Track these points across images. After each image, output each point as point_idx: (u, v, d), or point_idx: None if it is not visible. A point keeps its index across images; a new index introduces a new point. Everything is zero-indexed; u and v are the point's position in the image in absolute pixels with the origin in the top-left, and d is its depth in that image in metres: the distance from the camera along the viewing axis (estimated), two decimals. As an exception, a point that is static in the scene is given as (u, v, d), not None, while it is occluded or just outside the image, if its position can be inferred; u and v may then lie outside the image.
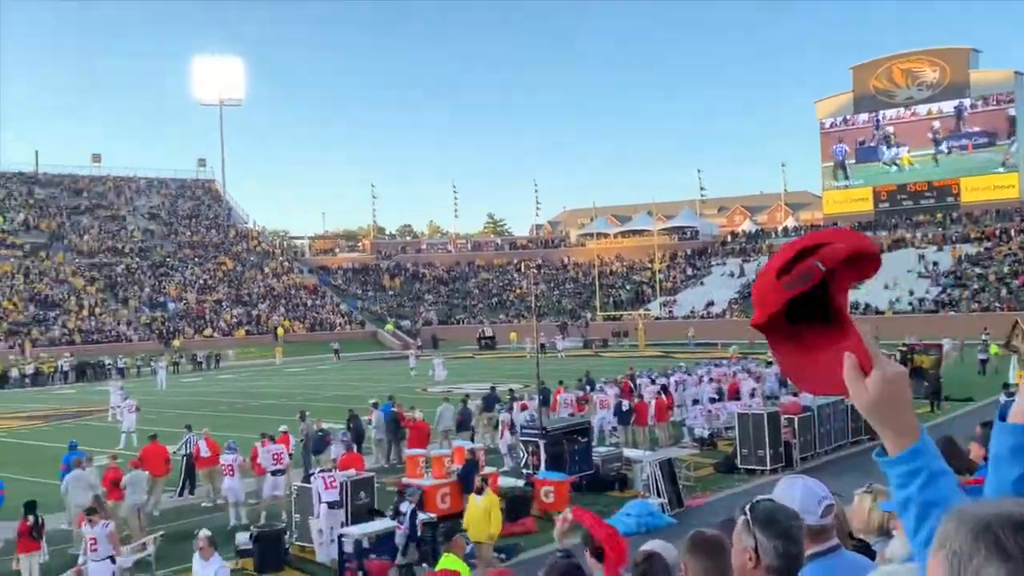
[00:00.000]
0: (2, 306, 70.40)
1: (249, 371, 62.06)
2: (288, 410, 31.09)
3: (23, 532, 14.94)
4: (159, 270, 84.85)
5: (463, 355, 66.01)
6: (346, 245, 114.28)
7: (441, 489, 18.14)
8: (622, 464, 21.07)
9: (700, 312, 75.82)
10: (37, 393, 52.42)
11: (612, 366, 45.49)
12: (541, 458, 19.97)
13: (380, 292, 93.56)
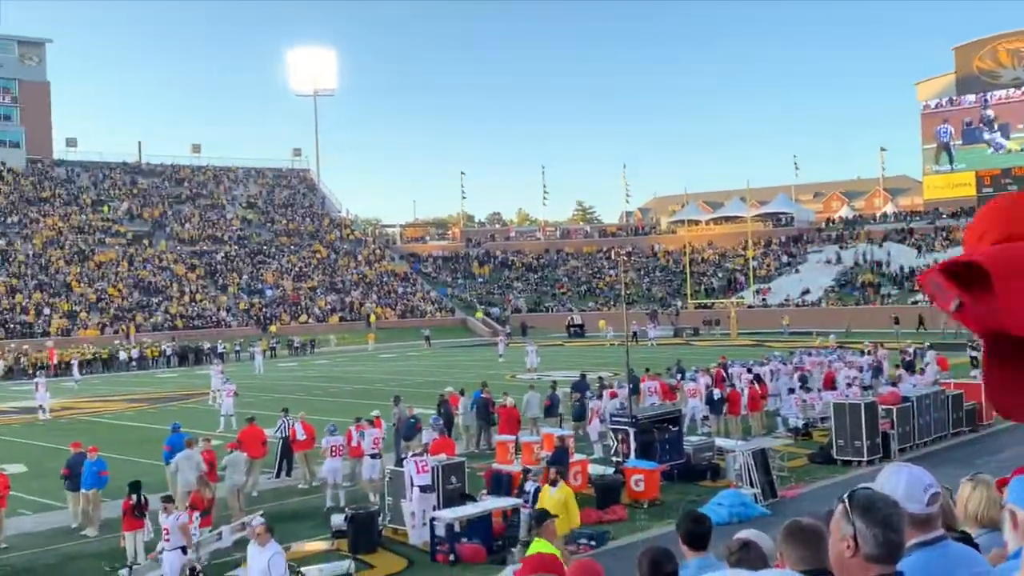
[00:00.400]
0: (107, 292, 73.07)
1: (343, 357, 63.24)
2: (380, 395, 31.59)
3: (127, 510, 15.51)
4: (256, 258, 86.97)
5: (552, 343, 66.09)
6: (436, 233, 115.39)
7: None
8: (714, 453, 20.84)
9: (795, 300, 74.41)
10: (141, 377, 54.32)
11: (703, 355, 44.98)
12: (631, 446, 19.88)
13: (469, 279, 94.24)
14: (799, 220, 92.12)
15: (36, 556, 16.33)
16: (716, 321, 71.66)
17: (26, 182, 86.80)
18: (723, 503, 16.55)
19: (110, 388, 46.65)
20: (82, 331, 66.23)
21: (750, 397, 25.51)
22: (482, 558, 14.83)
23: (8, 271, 72.11)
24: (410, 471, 16.43)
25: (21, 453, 26.02)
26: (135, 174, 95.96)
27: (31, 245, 77.01)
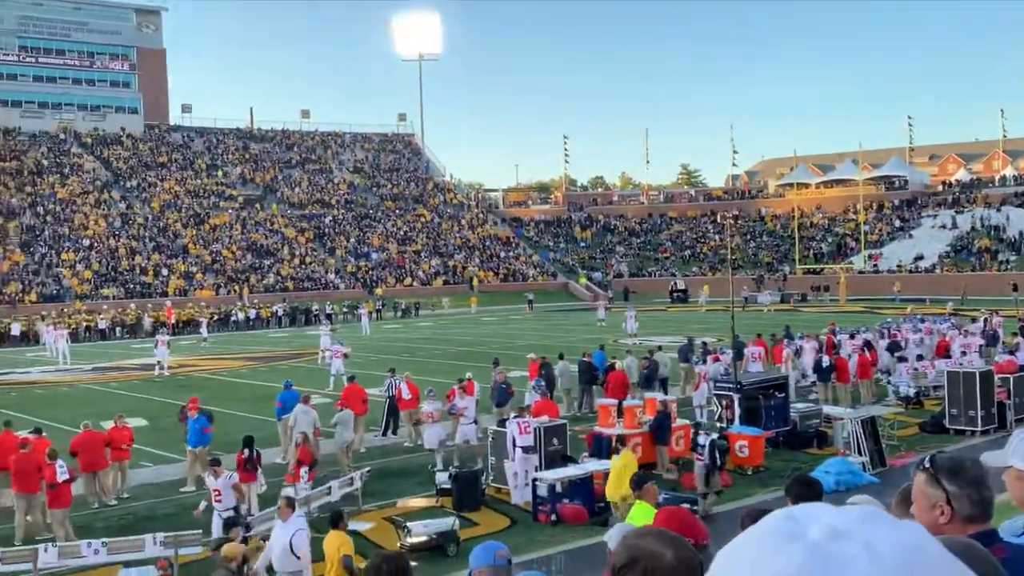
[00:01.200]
0: (222, 255, 75.47)
1: (446, 319, 64.06)
2: (481, 357, 31.91)
3: (240, 464, 16.13)
4: (363, 221, 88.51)
5: (655, 308, 65.63)
6: (538, 197, 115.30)
7: (632, 439, 18.20)
8: (821, 421, 20.48)
9: (907, 266, 72.10)
10: (254, 336, 56.09)
11: (811, 321, 44.04)
12: (735, 412, 19.68)
13: (572, 244, 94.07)
14: (913, 183, 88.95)
15: (156, 505, 17.14)
16: (825, 287, 70.02)
17: (144, 147, 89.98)
18: (830, 471, 16.29)
19: (225, 347, 48.32)
20: (198, 292, 68.64)
21: (860, 364, 24.93)
22: (584, 519, 14.95)
23: (128, 233, 75.07)
24: (512, 432, 16.62)
25: (142, 408, 27.22)
26: (247, 139, 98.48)
27: (149, 208, 79.95)
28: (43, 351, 47.31)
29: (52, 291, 64.57)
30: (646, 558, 1.82)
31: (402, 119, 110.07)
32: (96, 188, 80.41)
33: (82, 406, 28.00)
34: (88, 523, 15.79)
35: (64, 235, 72.29)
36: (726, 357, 25.42)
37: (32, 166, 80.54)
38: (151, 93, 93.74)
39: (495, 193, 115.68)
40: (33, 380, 36.97)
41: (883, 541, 0.99)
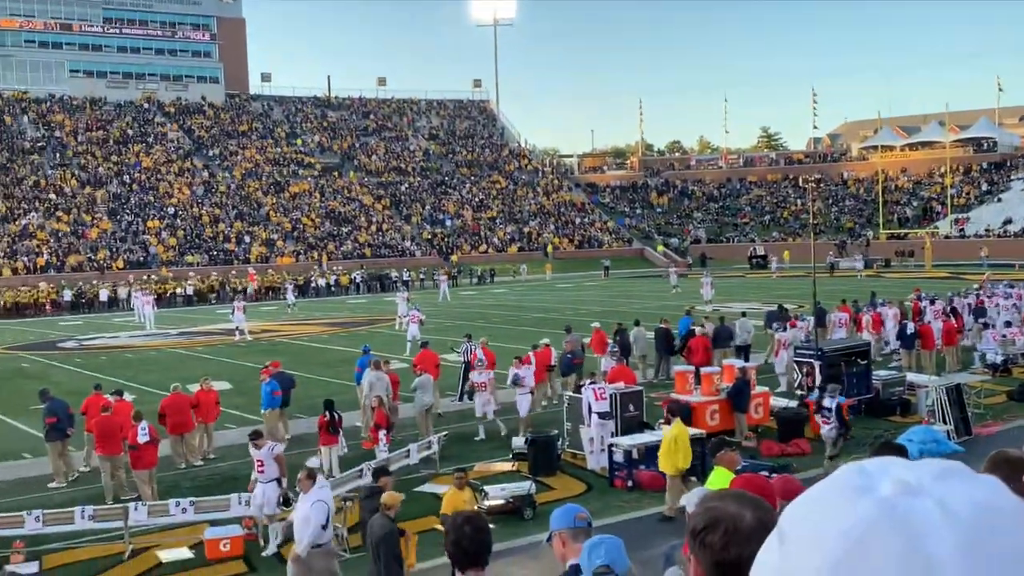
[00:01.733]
0: (301, 222, 76.68)
1: (520, 286, 64.19)
2: (556, 323, 31.92)
3: (322, 426, 16.46)
4: (439, 188, 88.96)
5: (733, 274, 64.80)
6: (614, 162, 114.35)
7: (710, 406, 18.07)
8: (904, 388, 20.04)
9: (995, 230, 69.82)
10: (333, 302, 56.99)
11: (895, 287, 43.03)
12: (816, 379, 19.37)
13: (648, 209, 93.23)
14: (1002, 145, 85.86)
15: (241, 466, 17.56)
16: (909, 252, 68.27)
17: (225, 116, 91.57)
18: (913, 439, 15.93)
19: (306, 312, 49.20)
20: (279, 258, 69.92)
21: (945, 331, 24.31)
22: (660, 485, 14.90)
23: (211, 201, 76.68)
24: (588, 398, 16.62)
25: (227, 371, 27.90)
26: (325, 108, 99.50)
27: (231, 176, 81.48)
28: (131, 316, 48.77)
29: (138, 258, 66.42)
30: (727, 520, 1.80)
31: (477, 85, 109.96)
32: (179, 157, 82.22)
33: (168, 370, 28.83)
34: (176, 483, 16.29)
35: (149, 203, 74.17)
36: (805, 323, 25.01)
37: (118, 135, 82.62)
38: (231, 62, 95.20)
39: (570, 159, 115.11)
40: (121, 344, 38.15)
41: (958, 498, 0.93)
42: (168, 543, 13.22)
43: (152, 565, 12.50)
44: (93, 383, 19.61)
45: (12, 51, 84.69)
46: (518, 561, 11.22)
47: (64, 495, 15.61)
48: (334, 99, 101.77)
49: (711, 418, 17.87)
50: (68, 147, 79.13)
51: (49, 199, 70.89)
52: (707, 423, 17.47)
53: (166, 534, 13.53)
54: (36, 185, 72.18)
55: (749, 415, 18.32)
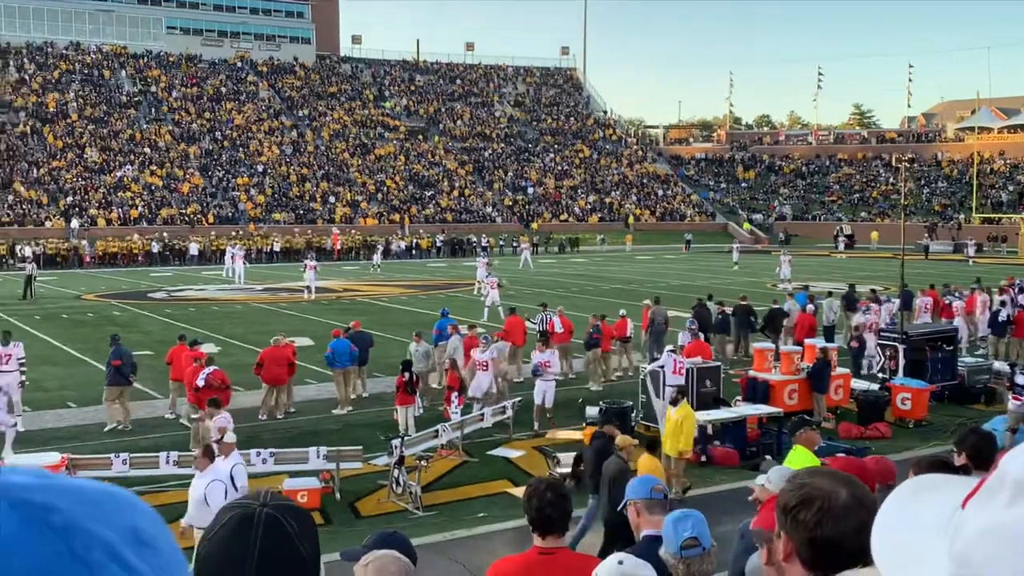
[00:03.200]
0: (385, 184, 77.44)
1: (600, 256, 63.96)
2: (635, 295, 31.75)
3: (399, 387, 16.71)
4: (522, 155, 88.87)
5: (818, 253, 63.56)
6: (700, 135, 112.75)
7: (789, 385, 17.85)
8: (991, 377, 19.51)
9: (1098, 219, 67.15)
10: (414, 265, 57.58)
11: (985, 274, 41.75)
12: (899, 363, 18.98)
13: (733, 184, 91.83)
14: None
15: (320, 421, 17.99)
16: (1002, 237, 66.07)
17: (315, 77, 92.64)
18: (998, 429, 15.53)
19: (388, 274, 49.81)
20: (362, 220, 70.80)
21: (1036, 321, 23.55)
22: (734, 462, 14.83)
23: (298, 160, 77.87)
24: (667, 367, 16.54)
25: (309, 328, 28.45)
26: (413, 71, 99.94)
27: (319, 137, 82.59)
28: (219, 270, 49.98)
29: (227, 213, 67.91)
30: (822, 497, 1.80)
31: (564, 53, 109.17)
32: (270, 116, 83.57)
33: (253, 323, 29.55)
34: (256, 434, 16.73)
35: (240, 160, 75.66)
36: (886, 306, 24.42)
37: (211, 93, 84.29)
38: (323, 23, 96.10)
39: (656, 130, 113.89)
40: (208, 297, 39.16)
41: None
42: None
43: (232, 512, 12.88)
44: (178, 333, 20.18)
45: (112, 6, 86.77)
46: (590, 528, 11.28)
47: (149, 440, 16.16)
48: (422, 63, 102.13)
49: (789, 397, 17.67)
50: (163, 102, 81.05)
51: (144, 153, 72.80)
52: (785, 403, 17.28)
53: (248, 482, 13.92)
54: (131, 139, 74.16)
55: (829, 396, 18.06)
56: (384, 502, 13.25)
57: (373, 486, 13.90)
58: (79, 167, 68.77)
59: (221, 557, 1.44)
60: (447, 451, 15.38)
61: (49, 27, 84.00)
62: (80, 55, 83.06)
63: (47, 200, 64.16)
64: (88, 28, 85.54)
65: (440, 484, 14.21)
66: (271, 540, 1.44)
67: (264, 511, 1.48)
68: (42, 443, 15.60)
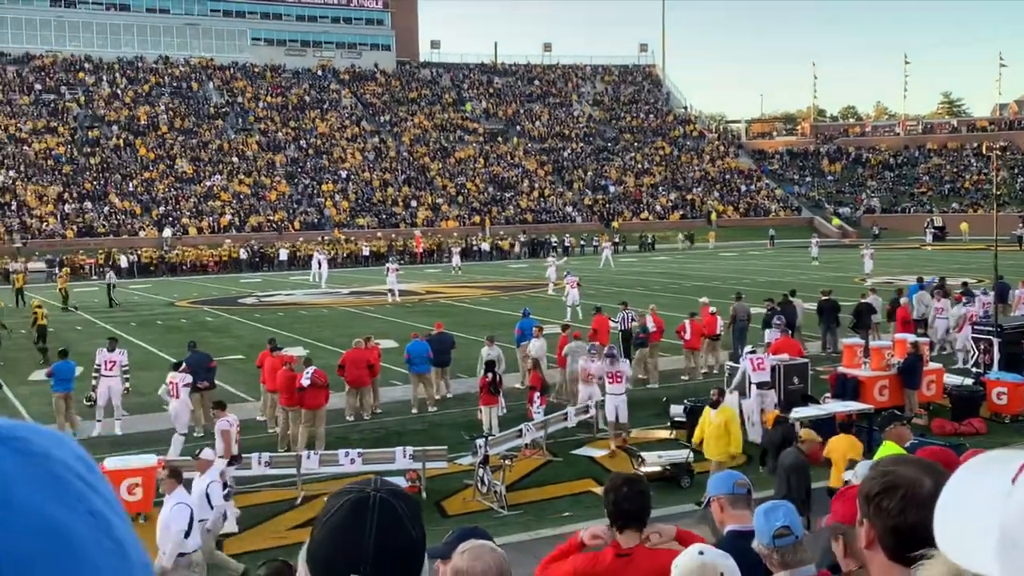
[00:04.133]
0: (466, 187, 78.01)
1: (682, 254, 63.37)
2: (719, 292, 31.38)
3: (483, 387, 16.84)
4: (601, 154, 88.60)
5: (908, 246, 61.95)
6: (784, 128, 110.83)
7: (879, 382, 17.47)
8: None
9: None
10: (495, 266, 57.87)
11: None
12: (994, 357, 18.42)
13: (818, 177, 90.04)
14: None
15: (406, 422, 18.25)
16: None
17: (396, 83, 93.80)
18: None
19: (468, 276, 50.18)
20: (444, 223, 71.46)
21: None
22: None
23: (381, 166, 78.95)
24: (746, 368, 16.36)
25: (393, 330, 28.81)
26: (491, 74, 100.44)
27: (400, 142, 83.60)
28: (305, 275, 50.98)
29: (313, 219, 69.24)
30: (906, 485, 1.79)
31: (643, 50, 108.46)
32: (352, 123, 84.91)
33: (339, 327, 30.07)
34: (345, 434, 17.05)
35: (324, 167, 77.05)
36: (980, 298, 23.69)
37: (295, 102, 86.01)
38: (402, 30, 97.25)
39: (737, 125, 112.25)
40: (296, 302, 39.98)
41: None
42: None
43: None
44: (267, 337, 20.66)
45: (199, 19, 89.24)
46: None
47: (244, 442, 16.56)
48: (500, 65, 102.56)
49: (880, 393, 17.31)
50: (250, 112, 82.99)
51: (232, 162, 74.67)
52: (875, 399, 16.93)
53: (335, 483, 14.19)
54: (220, 149, 76.13)
55: (921, 392, 17.63)
56: (470, 501, 13.38)
57: (459, 485, 14.05)
58: (170, 178, 70.88)
59: (338, 541, 1.50)
60: (531, 451, 15.47)
61: (139, 42, 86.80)
62: (169, 68, 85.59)
63: (140, 211, 66.27)
64: (176, 42, 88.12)
65: (524, 483, 14.29)
66: (386, 523, 1.50)
67: (378, 495, 1.54)
68: (139, 446, 16.13)
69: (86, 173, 68.99)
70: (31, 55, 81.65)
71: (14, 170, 67.16)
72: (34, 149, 70.03)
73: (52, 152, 70.24)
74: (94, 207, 65.44)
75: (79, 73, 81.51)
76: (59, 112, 75.70)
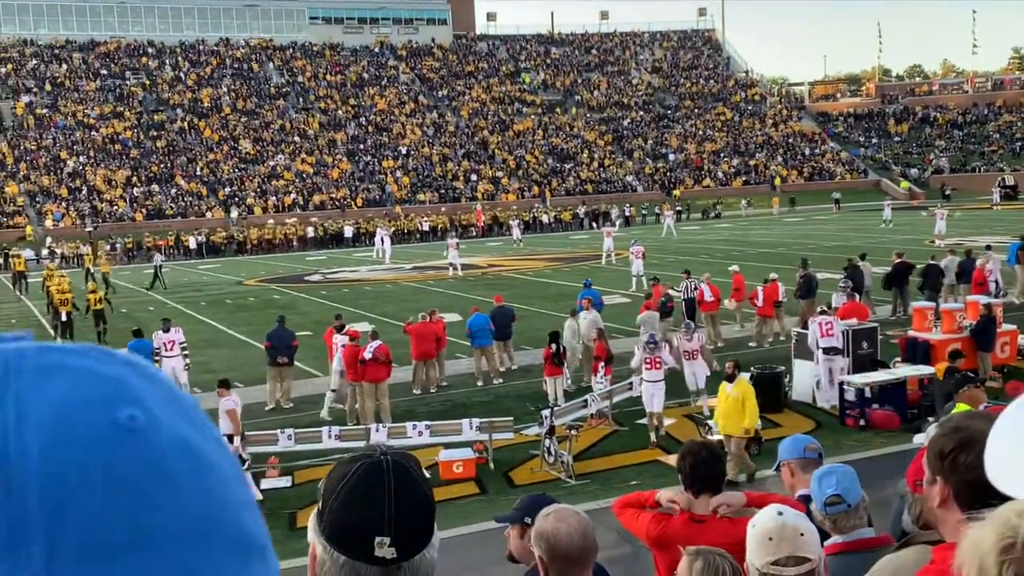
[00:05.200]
0: (525, 159, 77.87)
1: (746, 220, 62.58)
2: (783, 259, 31.00)
3: (547, 358, 16.89)
4: (661, 122, 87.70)
5: (979, 206, 60.40)
6: (848, 90, 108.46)
7: (951, 345, 17.12)
8: None
9: None
10: (556, 238, 57.78)
11: None
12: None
13: (885, 139, 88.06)
14: None
15: (471, 394, 18.40)
16: None
17: (453, 57, 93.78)
18: None
19: (530, 247, 50.20)
20: (504, 196, 71.51)
21: None
22: (895, 425, 14.38)
23: (440, 141, 79.18)
24: (814, 333, 16.16)
25: (457, 304, 29.00)
26: (548, 44, 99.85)
27: (459, 116, 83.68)
28: (369, 251, 51.48)
29: (375, 196, 69.81)
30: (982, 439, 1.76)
31: (702, 14, 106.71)
32: (411, 98, 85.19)
33: (403, 301, 30.34)
34: (412, 408, 17.26)
35: (384, 144, 77.51)
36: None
37: (354, 79, 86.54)
38: (458, 3, 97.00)
39: (800, 87, 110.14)
40: (361, 278, 40.42)
41: None
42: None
43: (392, 482, 13.34)
44: (334, 314, 20.95)
45: (258, 1, 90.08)
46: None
47: (311, 418, 16.87)
48: (557, 35, 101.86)
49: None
50: (310, 91, 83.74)
51: (294, 141, 75.51)
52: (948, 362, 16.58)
53: (404, 455, 14.39)
54: (282, 129, 77.02)
55: (994, 354, 17.25)
56: (537, 471, 13.47)
57: (525, 456, 14.16)
58: (235, 159, 71.96)
59: (358, 507, 1.50)
60: (597, 420, 15.50)
61: (200, 25, 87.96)
62: (230, 50, 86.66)
63: (206, 192, 67.43)
64: (236, 24, 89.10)
65: (591, 453, 14.33)
66: (402, 485, 1.51)
67: (390, 459, 1.57)
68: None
69: (152, 156, 70.37)
70: (96, 41, 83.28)
71: (84, 155, 68.76)
72: (102, 134, 71.59)
73: (119, 136, 71.72)
74: (161, 190, 66.77)
75: (142, 58, 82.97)
76: (124, 97, 77.21)
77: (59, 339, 24.71)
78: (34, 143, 69.09)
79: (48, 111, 73.36)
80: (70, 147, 69.33)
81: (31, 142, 69.10)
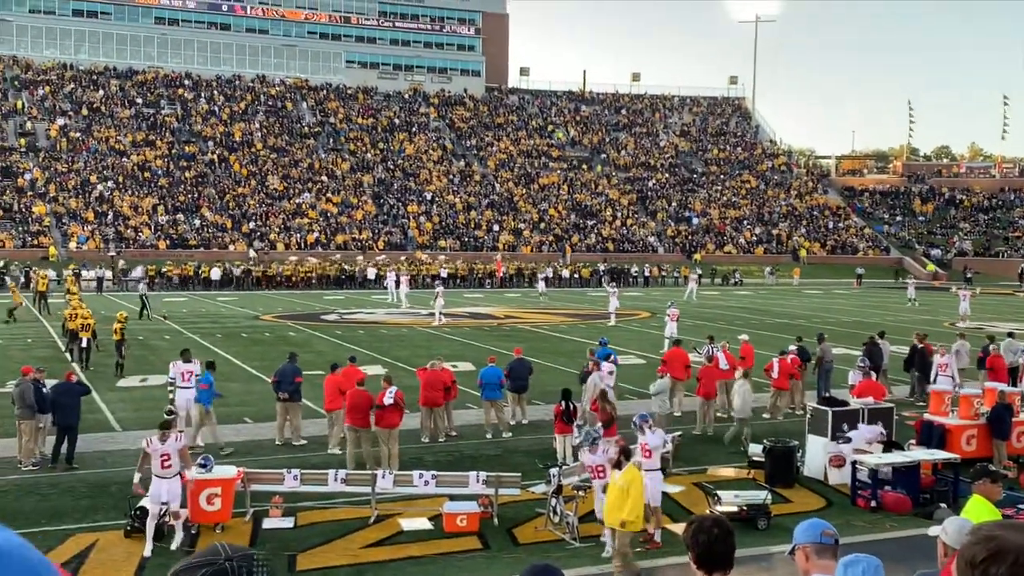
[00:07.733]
0: (548, 213, 78.18)
1: (766, 290, 62.42)
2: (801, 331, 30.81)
3: (558, 415, 16.76)
4: (686, 186, 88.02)
5: (1001, 291, 60.05)
6: (875, 166, 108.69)
7: (967, 431, 16.93)
8: None
9: None
10: (574, 294, 57.75)
11: None
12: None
13: (909, 217, 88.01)
14: None
15: (481, 446, 18.25)
16: None
17: (484, 108, 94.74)
18: None
19: (548, 302, 50.13)
20: (524, 248, 71.69)
21: None
22: (906, 508, 14.15)
23: (465, 190, 79.67)
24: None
25: (471, 353, 28.96)
26: (579, 102, 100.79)
27: (486, 167, 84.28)
28: (387, 294, 51.57)
29: (397, 240, 70.12)
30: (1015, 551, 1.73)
31: (733, 82, 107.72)
32: (440, 146, 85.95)
33: (417, 347, 30.30)
34: (419, 456, 17.13)
35: (410, 189, 78.05)
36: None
37: (385, 124, 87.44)
38: (492, 56, 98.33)
39: (827, 160, 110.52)
40: (377, 320, 40.45)
41: None
42: (410, 513, 13.94)
43: (394, 532, 13.20)
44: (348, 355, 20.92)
45: (296, 41, 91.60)
46: (749, 572, 11.01)
47: (320, 458, 16.78)
48: (588, 93, 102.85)
49: (967, 443, 16.75)
50: (341, 133, 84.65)
51: (321, 181, 76.15)
52: (962, 448, 16.39)
53: (408, 504, 14.26)
54: (311, 167, 77.74)
55: (1010, 443, 17.02)
56: (541, 530, 13.30)
57: (531, 513, 13.98)
58: (261, 194, 72.58)
59: None
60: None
61: (237, 60, 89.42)
62: (265, 87, 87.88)
63: (231, 225, 67.94)
64: (273, 62, 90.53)
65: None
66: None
67: (235, 564, 1.48)
68: (220, 457, 16.45)
69: (181, 186, 71.09)
70: (134, 70, 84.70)
71: (113, 180, 69.54)
72: (132, 161, 72.46)
73: (149, 165, 72.56)
74: (186, 219, 67.34)
75: (179, 89, 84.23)
76: (158, 126, 78.27)
77: (75, 364, 24.79)
78: (65, 165, 69.99)
79: (82, 135, 74.42)
80: (100, 172, 70.18)
81: (63, 164, 70.02)
